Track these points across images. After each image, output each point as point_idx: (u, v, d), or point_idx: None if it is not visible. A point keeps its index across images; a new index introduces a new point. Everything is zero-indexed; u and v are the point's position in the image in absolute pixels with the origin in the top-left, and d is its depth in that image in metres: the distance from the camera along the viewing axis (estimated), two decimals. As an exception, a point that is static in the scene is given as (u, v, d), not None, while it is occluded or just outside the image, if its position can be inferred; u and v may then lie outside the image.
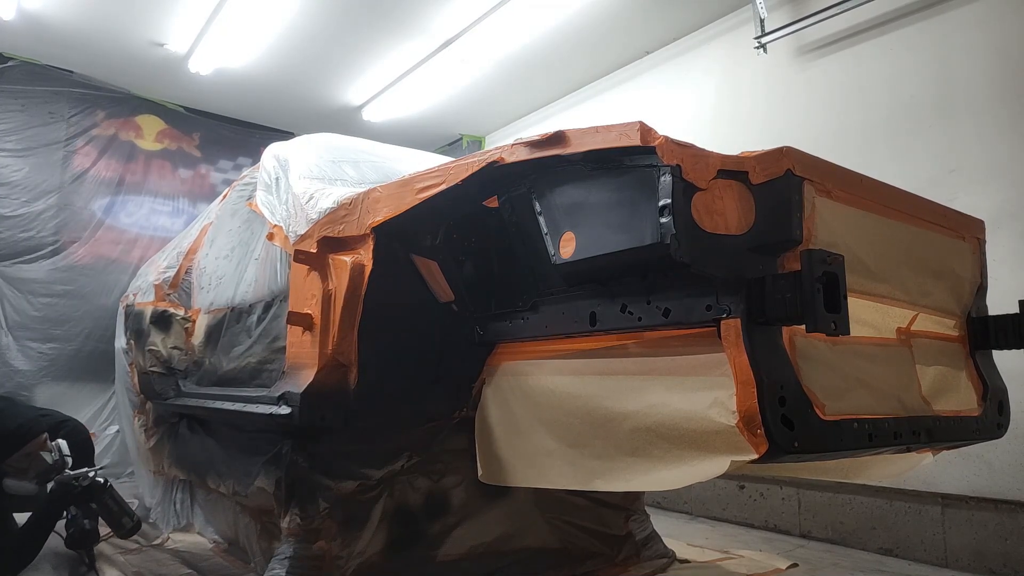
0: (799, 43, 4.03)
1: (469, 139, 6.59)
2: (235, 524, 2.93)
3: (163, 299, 3.46)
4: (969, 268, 1.81)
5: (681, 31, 4.70)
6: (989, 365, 1.88)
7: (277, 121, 6.34)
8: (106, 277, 5.32)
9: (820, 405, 1.29)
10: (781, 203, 1.33)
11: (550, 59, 5.03)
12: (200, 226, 3.67)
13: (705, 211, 1.28)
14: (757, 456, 1.23)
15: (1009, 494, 2.91)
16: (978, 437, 1.74)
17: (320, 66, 5.27)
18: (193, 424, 3.16)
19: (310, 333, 1.99)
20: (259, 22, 4.62)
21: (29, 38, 4.92)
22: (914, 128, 3.43)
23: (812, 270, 1.21)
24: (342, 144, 2.99)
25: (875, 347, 1.56)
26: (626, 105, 5.12)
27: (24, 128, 5.14)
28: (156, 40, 4.95)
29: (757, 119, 4.21)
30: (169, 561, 2.92)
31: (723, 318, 1.29)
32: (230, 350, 2.71)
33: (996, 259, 2.07)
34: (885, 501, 3.30)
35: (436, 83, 5.38)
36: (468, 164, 1.73)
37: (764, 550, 3.28)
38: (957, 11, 3.34)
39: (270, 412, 2.03)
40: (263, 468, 2.32)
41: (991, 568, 2.93)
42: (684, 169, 1.29)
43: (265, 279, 2.56)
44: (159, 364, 3.22)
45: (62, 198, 5.26)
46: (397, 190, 1.91)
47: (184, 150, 6.00)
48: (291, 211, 2.38)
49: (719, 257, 1.29)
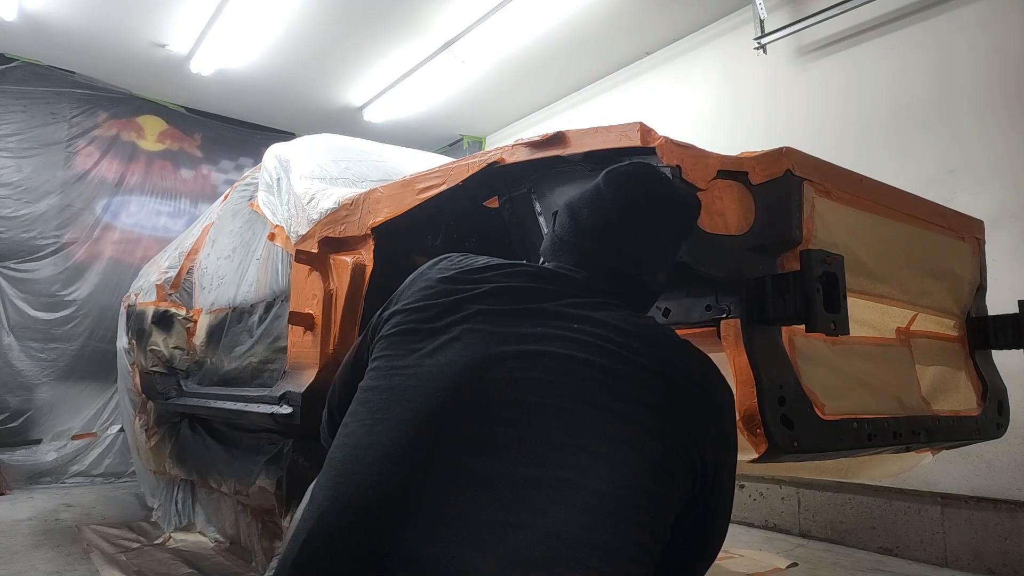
0: (799, 44, 4.03)
1: (469, 140, 6.59)
2: (236, 523, 2.94)
3: (165, 299, 3.47)
4: (969, 268, 1.82)
5: (681, 32, 4.70)
6: (989, 365, 1.88)
7: (278, 122, 6.35)
8: (107, 277, 5.34)
9: (820, 405, 1.29)
10: (781, 203, 1.33)
11: (550, 60, 5.03)
12: (201, 226, 3.68)
13: (705, 211, 1.28)
14: (757, 456, 1.23)
15: (1009, 494, 2.91)
16: (977, 437, 1.74)
17: (321, 67, 5.28)
18: (194, 424, 3.16)
19: (311, 333, 1.99)
20: (260, 23, 4.63)
21: (31, 39, 4.94)
22: (914, 128, 3.43)
23: (812, 270, 1.21)
24: (343, 144, 2.99)
25: (875, 347, 1.56)
26: (626, 106, 5.12)
27: (26, 129, 5.16)
28: (157, 41, 4.96)
29: (757, 119, 4.22)
30: (170, 560, 2.92)
31: (723, 318, 1.30)
32: (231, 350, 2.71)
33: (996, 259, 2.07)
34: (885, 501, 3.30)
35: (437, 84, 5.38)
36: (468, 164, 1.73)
37: (764, 549, 3.28)
38: (957, 11, 3.35)
39: (271, 412, 2.04)
40: (264, 467, 2.33)
41: (991, 568, 2.93)
42: (684, 169, 1.29)
43: (266, 279, 2.57)
44: (161, 364, 3.23)
45: (64, 199, 5.28)
46: (398, 190, 1.92)
47: (185, 150, 6.01)
48: (292, 211, 2.39)
49: (719, 257, 1.29)
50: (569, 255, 1.05)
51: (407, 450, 0.82)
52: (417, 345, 0.92)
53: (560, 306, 0.93)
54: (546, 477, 0.77)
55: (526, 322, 0.91)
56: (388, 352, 0.95)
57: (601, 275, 1.02)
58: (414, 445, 0.82)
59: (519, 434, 0.81)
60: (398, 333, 0.96)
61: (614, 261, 1.03)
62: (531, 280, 0.99)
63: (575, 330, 0.90)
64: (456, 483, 0.77)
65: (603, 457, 0.79)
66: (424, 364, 0.89)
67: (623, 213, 1.06)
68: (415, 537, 0.74)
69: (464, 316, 0.93)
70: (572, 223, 1.08)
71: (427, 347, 0.91)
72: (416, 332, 0.94)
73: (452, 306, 0.95)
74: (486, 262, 1.04)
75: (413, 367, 0.90)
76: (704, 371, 0.93)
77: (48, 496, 4.42)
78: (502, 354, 0.87)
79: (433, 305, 0.97)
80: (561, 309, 0.93)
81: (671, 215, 1.11)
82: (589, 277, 1.01)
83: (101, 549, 3.06)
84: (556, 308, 0.93)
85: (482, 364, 0.87)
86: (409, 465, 0.81)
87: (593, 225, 1.06)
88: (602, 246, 1.04)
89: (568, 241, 1.07)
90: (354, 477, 0.82)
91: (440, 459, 0.80)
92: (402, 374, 0.90)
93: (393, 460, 0.81)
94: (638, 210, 1.07)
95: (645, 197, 1.09)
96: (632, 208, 1.07)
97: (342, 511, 0.80)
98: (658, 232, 1.08)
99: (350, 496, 0.80)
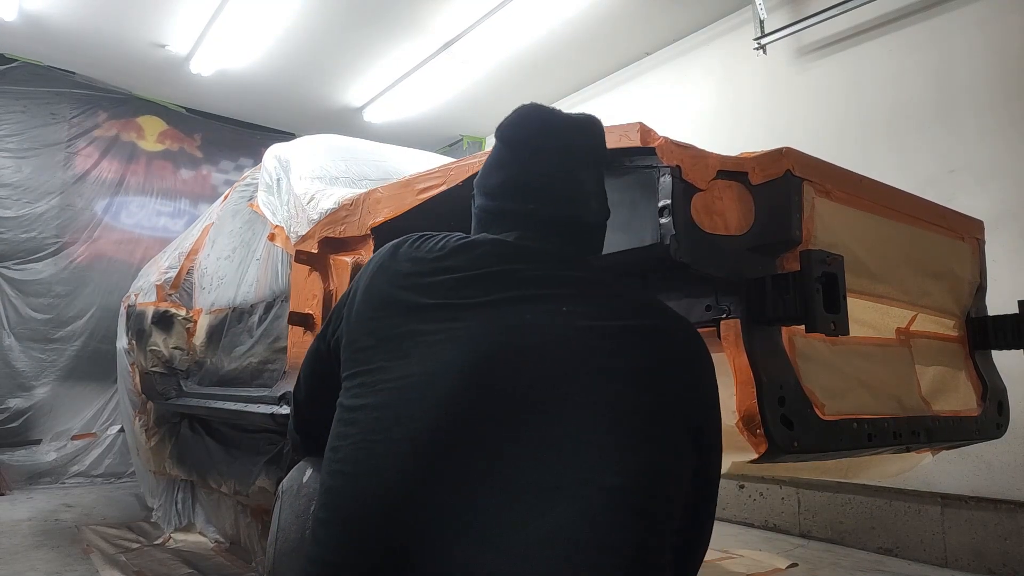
0: (799, 44, 4.04)
1: (469, 140, 6.60)
2: (236, 524, 2.94)
3: (165, 299, 3.47)
4: (968, 268, 1.82)
5: (681, 32, 4.71)
6: (988, 365, 1.88)
7: (278, 122, 6.36)
8: (107, 278, 5.34)
9: (820, 405, 1.29)
10: (780, 203, 1.33)
11: (550, 60, 5.04)
12: (201, 227, 3.68)
13: (705, 212, 1.28)
14: (757, 456, 1.23)
15: (1009, 494, 2.91)
16: (977, 437, 1.74)
17: (321, 67, 5.28)
18: (194, 424, 3.17)
19: (311, 333, 1.99)
20: (260, 23, 4.63)
21: (31, 39, 4.94)
22: (914, 128, 3.43)
23: (811, 270, 1.21)
24: (343, 145, 2.99)
25: (875, 347, 1.56)
26: (626, 106, 5.12)
27: (26, 129, 5.16)
28: (157, 41, 4.96)
29: (757, 120, 4.22)
30: (170, 561, 2.92)
31: (723, 318, 1.30)
32: (231, 350, 2.71)
33: (996, 259, 2.07)
34: (885, 501, 3.30)
35: (437, 84, 5.39)
36: (468, 164, 1.73)
37: (764, 549, 3.28)
38: (957, 11, 3.35)
39: (271, 412, 2.04)
40: (264, 468, 2.33)
41: (990, 568, 2.93)
42: (684, 170, 1.29)
43: (266, 279, 2.57)
44: (160, 364, 3.23)
45: (64, 199, 5.28)
46: (398, 191, 1.92)
47: (185, 151, 6.01)
48: (292, 212, 2.39)
49: (719, 257, 1.29)
50: (510, 222, 1.00)
51: (408, 478, 0.79)
52: (400, 352, 0.87)
53: (541, 289, 0.91)
54: (551, 476, 0.77)
55: (511, 313, 0.87)
56: (369, 366, 0.90)
57: (550, 231, 0.99)
58: (416, 467, 0.79)
59: (524, 434, 0.79)
60: (377, 341, 0.91)
61: (547, 210, 0.99)
62: (503, 262, 0.94)
63: (564, 314, 0.87)
64: (465, 493, 0.76)
65: (607, 451, 0.79)
66: (413, 374, 0.85)
67: (526, 160, 1.03)
68: (432, 555, 0.74)
69: (445, 315, 0.88)
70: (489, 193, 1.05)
71: (413, 354, 0.86)
72: (395, 339, 0.89)
73: (428, 304, 0.90)
74: (447, 243, 0.98)
75: (402, 379, 0.85)
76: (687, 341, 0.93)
77: (48, 496, 4.42)
78: (493, 352, 0.84)
79: (404, 305, 0.92)
80: (543, 292, 0.90)
81: (573, 141, 1.06)
82: (541, 237, 0.98)
83: (101, 549, 3.06)
84: (538, 293, 0.90)
85: (474, 366, 0.83)
86: (413, 494, 0.78)
87: (506, 184, 1.03)
88: (524, 200, 1.00)
89: (498, 210, 1.03)
90: (358, 511, 0.80)
91: (447, 475, 0.78)
92: (389, 388, 0.86)
93: (397, 490, 0.79)
94: (539, 152, 1.03)
95: (539, 135, 1.05)
96: (533, 152, 1.03)
97: (349, 549, 0.78)
98: (564, 160, 1.03)
99: (357, 531, 0.79)
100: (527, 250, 0.97)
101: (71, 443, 5.03)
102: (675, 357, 0.90)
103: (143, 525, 3.60)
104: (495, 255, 0.95)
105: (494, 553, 0.72)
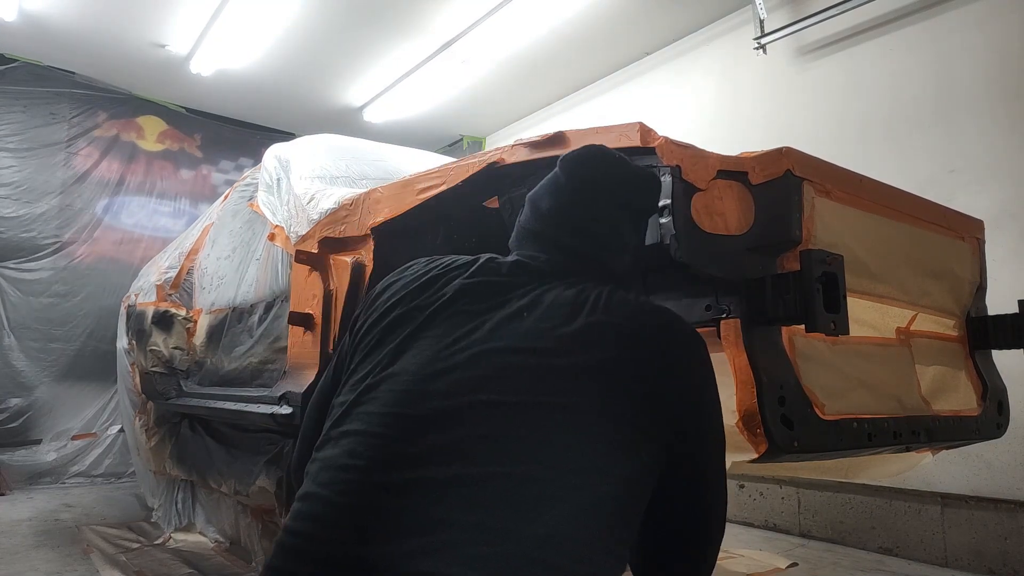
0: (799, 44, 4.04)
1: (469, 140, 6.60)
2: (236, 523, 2.94)
3: (165, 299, 3.47)
4: (968, 268, 1.82)
5: (681, 32, 4.71)
6: (988, 365, 1.88)
7: (278, 122, 6.36)
8: (107, 278, 5.34)
9: (820, 405, 1.29)
10: (780, 203, 1.33)
11: (550, 60, 5.04)
12: (201, 227, 3.68)
13: (705, 211, 1.28)
14: (757, 456, 1.23)
15: (1009, 494, 2.91)
16: (977, 437, 1.74)
17: (321, 67, 5.28)
18: (195, 424, 3.17)
19: (311, 333, 1.99)
20: (260, 23, 4.63)
21: (31, 39, 4.94)
22: (914, 128, 3.43)
23: (811, 270, 1.21)
24: (343, 145, 2.99)
25: (875, 347, 1.56)
26: (626, 106, 5.12)
27: (26, 129, 5.16)
28: (157, 41, 4.96)
29: (757, 119, 4.22)
30: (170, 561, 2.93)
31: (722, 318, 1.30)
32: (231, 350, 2.72)
33: (996, 259, 2.07)
34: (885, 501, 3.30)
35: (436, 84, 5.39)
36: (468, 165, 1.73)
37: (764, 549, 3.28)
38: (957, 11, 3.35)
39: (271, 412, 2.04)
40: (264, 468, 2.33)
41: (990, 568, 2.93)
42: (684, 170, 1.30)
43: (266, 279, 2.57)
44: (161, 364, 3.23)
45: (64, 199, 5.28)
46: (398, 191, 1.92)
47: (185, 151, 6.01)
48: (292, 212, 2.39)
49: (719, 257, 1.29)
50: (531, 243, 1.06)
51: (365, 471, 0.81)
52: (377, 357, 0.93)
53: (518, 297, 0.93)
54: (515, 476, 0.77)
55: (479, 322, 0.91)
56: (352, 367, 0.97)
57: (562, 258, 1.02)
58: (373, 461, 0.81)
59: (478, 433, 0.80)
60: (364, 348, 0.97)
61: (570, 242, 1.03)
62: (493, 275, 0.99)
63: (536, 318, 0.89)
64: (429, 493, 0.76)
65: (574, 454, 0.79)
66: (382, 375, 0.90)
67: (575, 195, 1.07)
68: (398, 551, 0.73)
69: (419, 325, 0.93)
70: (532, 212, 1.09)
71: (385, 359, 0.92)
72: (379, 344, 0.95)
73: (410, 316, 0.96)
74: (450, 263, 1.04)
75: (372, 378, 0.90)
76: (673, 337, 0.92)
77: (48, 496, 4.42)
78: (454, 359, 0.87)
79: (391, 318, 0.97)
80: (519, 301, 0.93)
81: (626, 194, 1.10)
82: (550, 260, 1.01)
83: (101, 549, 3.06)
84: (515, 301, 0.93)
85: (430, 372, 0.86)
86: (373, 482, 0.80)
87: (549, 210, 1.07)
88: (558, 228, 1.05)
89: (530, 229, 1.08)
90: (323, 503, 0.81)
91: (404, 473, 0.79)
92: (362, 386, 0.91)
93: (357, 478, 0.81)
94: (591, 192, 1.07)
95: (602, 178, 1.09)
96: (585, 190, 1.07)
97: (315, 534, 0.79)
98: (614, 212, 1.08)
99: (323, 514, 0.80)
100: (522, 265, 1.02)
101: (71, 443, 5.03)
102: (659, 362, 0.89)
103: (143, 525, 3.60)
104: (489, 269, 1.00)
105: (463, 566, 0.72)
